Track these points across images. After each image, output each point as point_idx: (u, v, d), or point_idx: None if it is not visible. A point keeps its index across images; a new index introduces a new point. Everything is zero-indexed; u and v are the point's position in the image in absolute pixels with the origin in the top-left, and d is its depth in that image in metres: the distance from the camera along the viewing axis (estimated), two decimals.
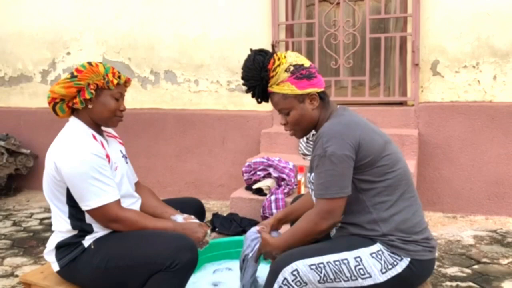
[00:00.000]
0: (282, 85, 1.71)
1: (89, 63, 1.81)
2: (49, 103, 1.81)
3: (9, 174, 4.53)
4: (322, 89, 1.74)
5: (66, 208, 1.77)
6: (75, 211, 1.77)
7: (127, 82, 1.91)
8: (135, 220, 1.79)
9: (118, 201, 1.77)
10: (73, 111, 1.84)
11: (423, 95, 3.74)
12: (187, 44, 4.29)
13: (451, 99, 3.69)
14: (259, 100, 1.80)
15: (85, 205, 1.72)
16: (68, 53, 4.66)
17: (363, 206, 1.64)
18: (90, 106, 1.80)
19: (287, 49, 4.00)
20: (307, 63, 1.74)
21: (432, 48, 3.69)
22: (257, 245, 1.82)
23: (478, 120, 3.61)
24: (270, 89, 1.75)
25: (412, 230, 1.64)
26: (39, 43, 4.74)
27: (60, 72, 4.70)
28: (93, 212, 1.73)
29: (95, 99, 1.80)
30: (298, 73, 1.70)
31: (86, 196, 1.71)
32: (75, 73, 1.79)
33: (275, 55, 1.74)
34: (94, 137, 1.81)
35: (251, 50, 1.81)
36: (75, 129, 1.81)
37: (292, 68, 1.70)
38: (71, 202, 1.76)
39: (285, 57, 1.73)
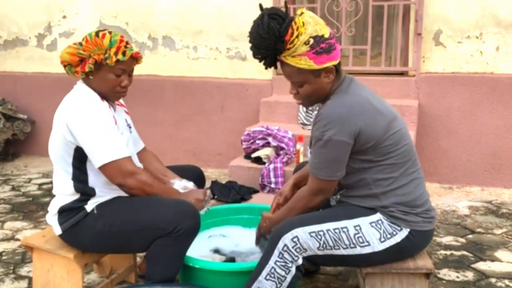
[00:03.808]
0: (299, 58, 1.55)
1: (97, 34, 1.76)
2: (61, 63, 1.80)
3: (6, 139, 4.51)
4: (339, 60, 1.63)
5: (70, 170, 1.78)
6: (78, 173, 1.77)
7: (136, 58, 1.82)
8: (146, 178, 1.78)
9: (130, 158, 1.77)
10: None
11: (425, 66, 3.70)
12: (186, 9, 4.19)
13: (453, 70, 3.66)
14: (268, 66, 1.63)
15: (99, 161, 1.70)
16: (64, 17, 4.55)
17: (364, 183, 1.65)
18: (91, 77, 1.78)
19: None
20: (327, 32, 1.57)
21: (435, 17, 3.63)
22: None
23: (478, 92, 3.59)
24: (283, 59, 1.58)
25: (413, 203, 1.65)
26: (34, 6, 4.62)
27: (56, 36, 4.60)
28: (108, 167, 1.71)
29: (95, 72, 1.76)
30: (318, 47, 1.54)
31: (100, 152, 1.70)
32: (83, 42, 1.76)
33: (293, 23, 1.54)
34: (102, 99, 1.82)
35: (261, 7, 1.59)
36: (82, 91, 1.80)
37: (312, 41, 1.53)
38: (77, 163, 1.76)
39: (303, 24, 1.54)
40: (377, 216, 1.63)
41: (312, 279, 2.27)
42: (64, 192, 1.80)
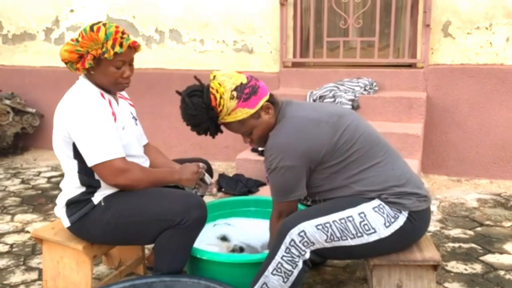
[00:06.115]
0: (234, 113, 1.69)
1: (91, 28, 1.72)
2: (62, 61, 1.80)
3: (15, 133, 4.55)
4: (268, 94, 1.74)
5: (75, 163, 1.79)
6: (82, 165, 1.77)
7: (134, 48, 1.79)
8: (138, 174, 1.77)
9: (123, 158, 1.76)
10: None
11: (433, 57, 3.66)
12: (192, 2, 4.18)
13: (462, 61, 3.62)
14: (215, 135, 1.77)
15: (90, 161, 1.72)
16: (72, 11, 4.56)
17: (341, 184, 1.70)
18: (92, 72, 1.77)
19: (295, 8, 3.89)
20: (244, 78, 1.71)
21: (444, 8, 3.58)
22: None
23: (488, 84, 3.56)
24: (222, 121, 1.73)
25: (397, 184, 1.68)
26: (42, 0, 4.64)
27: (63, 30, 4.62)
28: (98, 167, 1.72)
29: (96, 67, 1.75)
30: (244, 95, 1.68)
31: (91, 152, 1.71)
32: (79, 38, 1.74)
33: (211, 89, 1.68)
34: (102, 95, 1.81)
35: (178, 92, 1.74)
36: (82, 87, 1.80)
37: (235, 93, 1.67)
38: (78, 156, 1.76)
39: (220, 85, 1.68)
40: (377, 201, 1.66)
41: (319, 271, 2.27)
42: (71, 185, 1.81)
